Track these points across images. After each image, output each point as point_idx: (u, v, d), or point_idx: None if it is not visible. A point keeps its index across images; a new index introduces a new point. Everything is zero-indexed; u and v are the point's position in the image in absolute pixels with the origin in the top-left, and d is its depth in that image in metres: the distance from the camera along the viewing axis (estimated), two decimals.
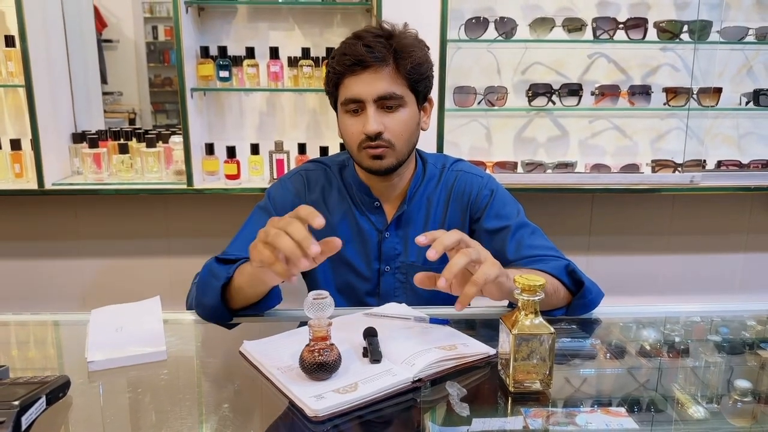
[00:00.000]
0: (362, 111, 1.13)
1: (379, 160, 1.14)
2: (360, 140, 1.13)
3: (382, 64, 1.11)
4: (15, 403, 0.68)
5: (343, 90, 1.14)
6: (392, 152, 1.14)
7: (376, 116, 1.11)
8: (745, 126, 2.22)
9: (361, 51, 1.10)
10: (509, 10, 2.03)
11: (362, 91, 1.11)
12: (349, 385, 0.78)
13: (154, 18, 3.94)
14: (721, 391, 0.87)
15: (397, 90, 1.12)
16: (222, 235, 1.21)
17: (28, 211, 2.14)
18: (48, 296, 2.20)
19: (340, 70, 1.13)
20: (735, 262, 2.33)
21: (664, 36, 2.02)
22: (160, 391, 0.83)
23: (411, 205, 1.24)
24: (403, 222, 1.24)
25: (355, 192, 1.25)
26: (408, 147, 1.18)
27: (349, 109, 1.14)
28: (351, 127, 1.15)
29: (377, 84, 1.11)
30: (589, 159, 2.16)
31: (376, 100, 1.11)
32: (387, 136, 1.13)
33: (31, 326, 1.10)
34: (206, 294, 1.05)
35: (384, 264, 1.24)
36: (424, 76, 1.16)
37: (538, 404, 0.78)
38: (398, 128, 1.14)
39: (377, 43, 1.10)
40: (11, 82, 1.95)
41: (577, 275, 1.08)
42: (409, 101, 1.15)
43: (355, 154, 1.18)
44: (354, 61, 1.10)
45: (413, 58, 1.12)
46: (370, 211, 1.24)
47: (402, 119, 1.14)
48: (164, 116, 3.93)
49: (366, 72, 1.11)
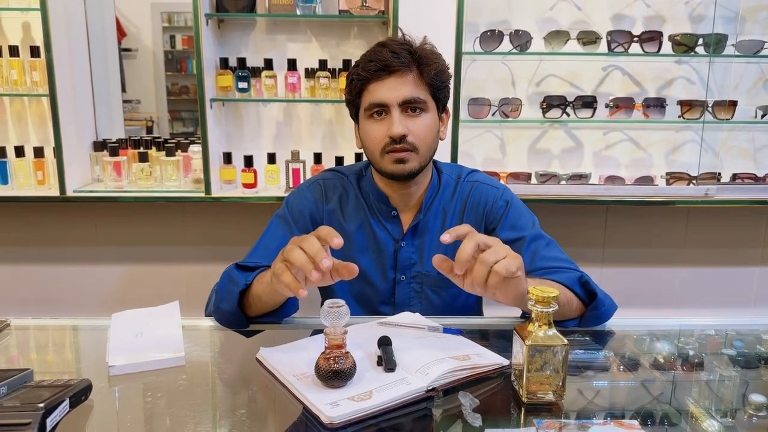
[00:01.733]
0: (386, 115, 1.15)
1: (402, 164, 1.15)
2: (384, 144, 1.15)
3: (406, 69, 1.14)
4: (40, 405, 0.70)
5: (367, 96, 1.16)
6: (416, 156, 1.16)
7: (401, 119, 1.14)
8: (760, 139, 2.20)
9: (387, 56, 1.13)
10: (524, 23, 2.05)
11: (387, 95, 1.13)
12: (363, 393, 0.79)
13: (172, 27, 4.01)
14: (736, 406, 0.87)
15: (421, 95, 1.15)
16: (239, 243, 1.23)
17: (50, 218, 2.19)
18: (68, 301, 2.24)
19: (365, 75, 1.15)
20: (750, 275, 2.31)
21: (679, 49, 2.02)
22: (177, 396, 0.84)
23: (427, 215, 1.25)
24: (419, 231, 1.25)
25: (372, 201, 1.26)
26: (430, 152, 1.20)
27: (373, 114, 1.16)
28: (375, 131, 1.16)
29: (402, 88, 1.13)
30: (604, 171, 2.16)
31: (401, 104, 1.14)
32: (411, 139, 1.14)
33: (52, 330, 1.13)
34: (224, 299, 1.07)
35: (399, 273, 1.25)
36: (445, 84, 1.19)
37: (551, 415, 0.79)
38: (422, 132, 1.16)
39: (402, 49, 1.14)
40: (36, 92, 1.99)
41: (590, 286, 1.09)
42: (431, 107, 1.18)
43: (377, 159, 1.18)
44: (380, 66, 1.13)
45: (436, 65, 1.16)
46: (387, 220, 1.25)
47: (425, 123, 1.17)
48: (181, 124, 3.99)
49: (391, 77, 1.14)
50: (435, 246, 1.24)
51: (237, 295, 1.05)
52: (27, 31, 2.08)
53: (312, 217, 1.25)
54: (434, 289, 1.24)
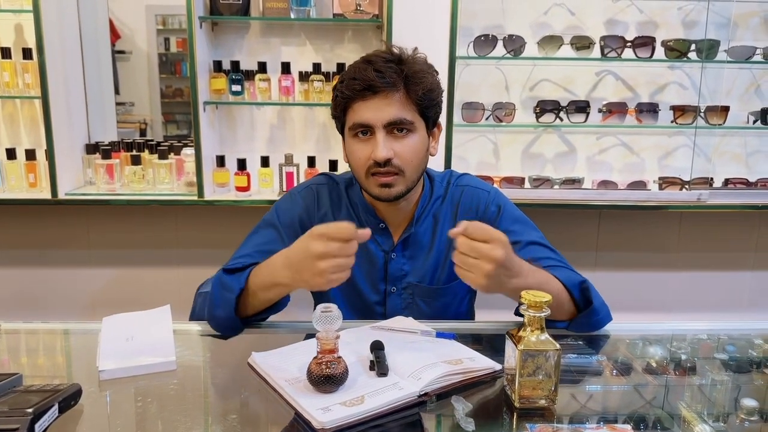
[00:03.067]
0: (371, 136, 1.11)
1: (388, 188, 1.12)
2: (368, 166, 1.11)
3: (392, 89, 1.08)
4: (29, 410, 0.70)
5: (352, 114, 1.12)
6: (402, 179, 1.12)
7: (385, 142, 1.09)
8: (752, 144, 2.22)
9: (372, 76, 1.07)
10: (518, 27, 2.06)
11: (372, 116, 1.09)
12: (355, 398, 0.79)
13: (166, 30, 4.00)
14: (728, 410, 0.88)
15: (408, 116, 1.10)
16: (232, 246, 1.22)
17: (42, 221, 2.17)
18: (59, 305, 2.22)
19: (348, 94, 1.10)
20: (743, 280, 2.32)
21: (671, 54, 2.03)
22: (168, 401, 0.84)
23: (418, 227, 1.23)
24: (410, 243, 1.23)
25: (360, 213, 1.24)
26: (417, 173, 1.15)
27: (357, 133, 1.12)
28: (359, 152, 1.12)
29: (387, 109, 1.08)
30: (597, 175, 2.17)
31: (385, 126, 1.09)
32: (396, 162, 1.10)
33: (43, 334, 1.12)
34: (219, 306, 1.06)
35: (390, 285, 1.23)
36: (434, 102, 1.14)
37: (544, 420, 0.79)
38: (408, 154, 1.11)
39: (388, 68, 1.08)
40: (28, 94, 1.98)
41: (589, 293, 1.07)
42: (419, 127, 1.13)
43: (363, 181, 1.15)
44: (364, 86, 1.08)
45: (424, 84, 1.10)
46: (376, 232, 1.22)
47: (412, 145, 1.12)
48: (175, 127, 3.98)
49: (376, 97, 1.08)
50: (425, 256, 1.23)
51: (233, 301, 1.04)
52: (19, 33, 2.07)
53: (302, 223, 1.22)
54: (425, 299, 1.23)
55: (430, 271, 1.22)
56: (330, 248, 0.91)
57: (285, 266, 0.98)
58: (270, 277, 1.02)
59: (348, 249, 0.91)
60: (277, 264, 1.01)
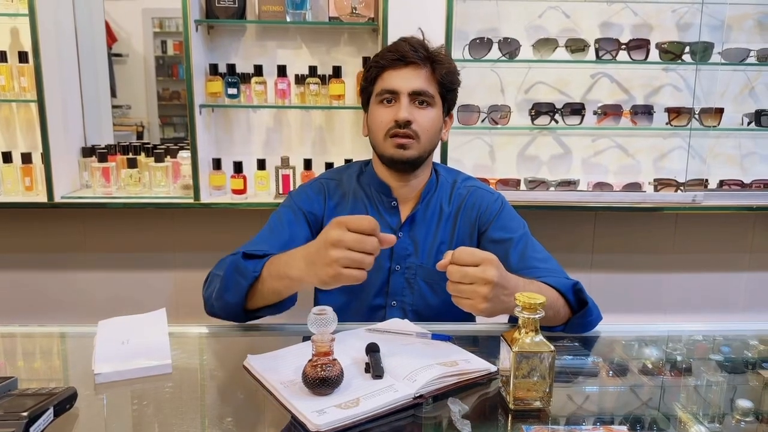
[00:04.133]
0: (395, 102, 1.23)
1: (403, 149, 1.22)
2: (388, 128, 1.22)
3: (421, 63, 1.22)
4: (24, 414, 0.70)
5: (381, 82, 1.24)
6: (416, 144, 1.22)
7: (408, 107, 1.21)
8: (747, 146, 2.23)
9: (406, 48, 1.22)
10: (513, 30, 2.06)
11: (400, 83, 1.21)
12: (351, 400, 0.79)
13: (163, 33, 4.00)
14: (723, 411, 0.88)
15: (431, 89, 1.23)
16: (228, 249, 1.22)
17: (38, 224, 2.17)
18: (55, 308, 2.22)
19: (383, 63, 1.24)
20: (738, 281, 2.33)
21: (666, 57, 2.04)
22: (164, 404, 0.84)
23: (425, 207, 1.30)
24: (416, 223, 1.29)
25: (373, 192, 1.31)
26: (431, 145, 1.26)
27: (383, 98, 1.23)
28: (382, 116, 1.23)
29: (414, 80, 1.22)
30: (592, 177, 2.17)
31: (410, 94, 1.21)
32: (415, 127, 1.21)
33: (39, 338, 1.11)
34: (230, 290, 1.07)
35: (395, 263, 1.28)
36: (453, 86, 1.28)
37: (540, 421, 0.79)
38: (426, 123, 1.23)
39: (420, 46, 1.24)
40: (23, 97, 1.98)
41: (582, 295, 1.09)
42: (438, 104, 1.26)
43: (380, 143, 1.25)
44: (398, 56, 1.22)
45: (448, 66, 1.25)
46: (387, 210, 1.30)
47: (430, 116, 1.24)
48: (171, 129, 3.97)
49: (407, 68, 1.22)
50: (429, 241, 1.28)
51: (246, 288, 1.05)
52: (15, 37, 2.07)
53: (313, 213, 1.29)
54: (427, 281, 1.27)
55: (434, 255, 1.28)
56: (345, 237, 0.88)
57: (302, 257, 0.98)
58: (285, 268, 1.01)
59: (365, 243, 0.88)
60: (296, 255, 1.00)
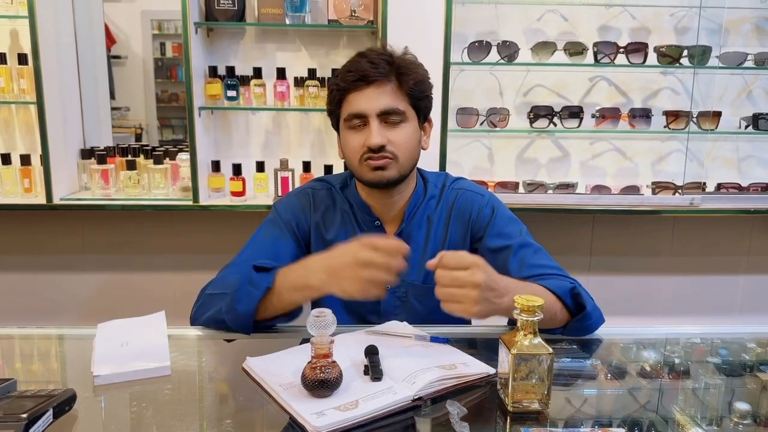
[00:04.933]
0: (365, 126, 1.15)
1: (381, 171, 1.15)
2: (362, 153, 1.15)
3: (385, 80, 1.14)
4: (23, 416, 0.70)
5: (347, 106, 1.17)
6: (395, 164, 1.16)
7: (379, 130, 1.14)
8: (744, 149, 2.24)
9: (366, 67, 1.13)
10: (512, 34, 2.07)
11: (366, 106, 1.14)
12: (350, 402, 0.79)
13: (162, 35, 4.00)
14: (721, 414, 0.88)
15: (400, 105, 1.15)
16: (227, 251, 1.22)
17: (37, 226, 2.17)
18: (53, 310, 2.21)
19: (344, 86, 1.16)
20: (735, 284, 2.34)
21: (664, 60, 2.05)
22: (163, 406, 0.84)
23: (411, 224, 1.25)
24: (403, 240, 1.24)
25: (356, 211, 1.26)
26: (410, 162, 1.19)
27: (352, 125, 1.16)
28: (353, 141, 1.16)
29: (380, 99, 1.14)
30: (590, 180, 2.18)
31: (379, 115, 1.14)
32: (390, 149, 1.15)
33: (37, 340, 1.11)
34: (242, 300, 1.05)
35: None
36: (424, 94, 1.19)
37: (538, 424, 0.79)
38: (401, 141, 1.16)
39: (381, 60, 1.14)
40: (23, 99, 1.98)
41: (581, 299, 1.07)
42: (411, 117, 1.18)
43: (356, 168, 1.19)
44: (358, 77, 1.13)
45: (415, 75, 1.16)
46: (371, 230, 1.25)
47: (404, 133, 1.16)
48: (170, 131, 3.98)
49: (370, 87, 1.14)
50: (420, 256, 1.23)
51: (258, 298, 1.04)
52: (15, 39, 2.07)
53: (299, 224, 1.25)
54: (419, 298, 1.24)
55: (425, 270, 1.22)
56: (376, 259, 0.93)
57: (322, 269, 0.99)
58: (303, 279, 1.02)
59: (392, 266, 0.94)
60: (313, 266, 1.01)
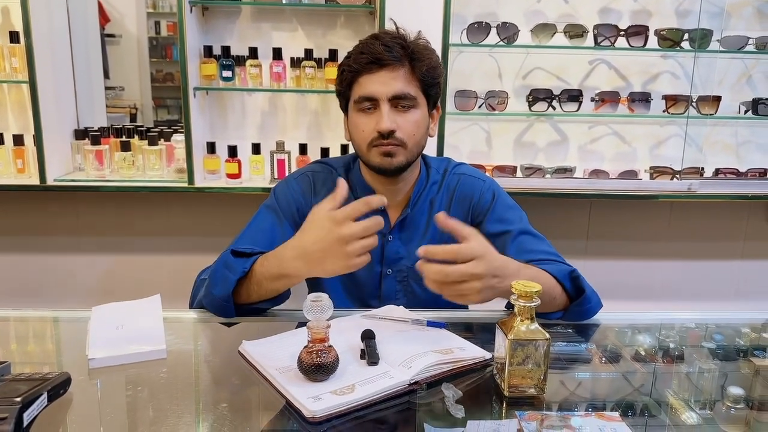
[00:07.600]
0: (375, 109, 1.14)
1: (390, 158, 1.15)
2: (371, 138, 1.14)
3: (398, 64, 1.13)
4: (17, 399, 0.69)
5: (357, 88, 1.15)
6: (403, 151, 1.15)
7: (390, 114, 1.13)
8: (743, 134, 2.23)
9: (379, 50, 1.12)
10: (511, 15, 2.04)
11: (378, 89, 1.13)
12: (346, 386, 0.79)
13: (156, 13, 3.95)
14: (715, 398, 0.89)
15: (411, 91, 1.14)
16: (222, 234, 1.22)
17: (30, 207, 2.15)
18: (47, 291, 2.21)
19: (356, 67, 1.14)
20: (731, 269, 2.35)
21: (664, 44, 2.03)
22: (159, 390, 0.84)
23: (414, 210, 1.25)
24: (406, 226, 1.25)
25: (359, 195, 1.25)
26: (418, 148, 1.19)
27: (362, 107, 1.15)
28: (363, 125, 1.15)
29: (393, 83, 1.13)
30: (588, 164, 2.17)
31: (390, 99, 1.13)
32: (399, 135, 1.14)
33: (32, 322, 1.11)
34: (218, 285, 1.06)
35: (386, 267, 1.25)
36: (436, 80, 1.18)
37: (533, 408, 0.79)
38: (411, 128, 1.15)
39: (395, 44, 1.13)
40: (15, 78, 1.95)
41: (579, 282, 1.08)
42: (421, 104, 1.17)
43: (364, 153, 1.18)
44: (371, 59, 1.12)
45: (429, 61, 1.15)
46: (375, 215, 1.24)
47: (414, 119, 1.16)
48: (165, 111, 3.95)
49: (382, 71, 1.13)
50: (420, 240, 1.24)
51: (233, 282, 1.04)
52: (6, 17, 2.03)
53: (299, 209, 1.23)
54: (420, 282, 1.23)
55: None
56: (356, 230, 0.92)
57: (297, 257, 0.98)
58: (279, 269, 1.02)
59: (371, 229, 0.93)
60: (286, 255, 1.00)
